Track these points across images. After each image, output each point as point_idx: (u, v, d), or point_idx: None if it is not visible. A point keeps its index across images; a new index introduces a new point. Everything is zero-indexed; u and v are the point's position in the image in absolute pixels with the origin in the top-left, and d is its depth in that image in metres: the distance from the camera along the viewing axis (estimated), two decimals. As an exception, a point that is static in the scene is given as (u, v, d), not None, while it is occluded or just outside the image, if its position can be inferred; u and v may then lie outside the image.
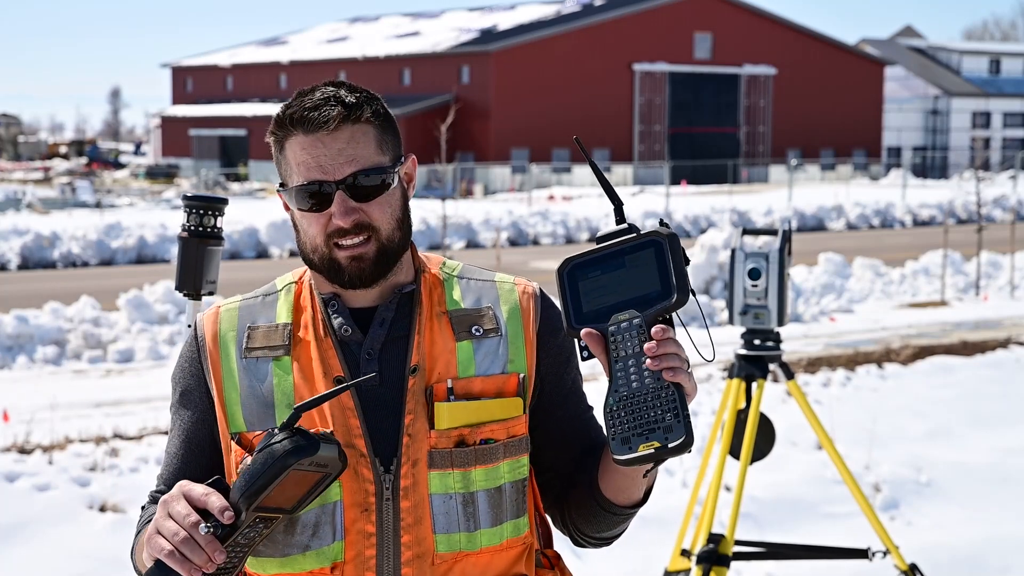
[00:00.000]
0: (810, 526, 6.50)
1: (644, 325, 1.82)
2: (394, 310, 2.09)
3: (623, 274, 1.83)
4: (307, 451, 1.76)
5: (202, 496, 1.81)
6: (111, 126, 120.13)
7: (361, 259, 2.03)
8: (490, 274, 2.19)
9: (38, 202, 38.83)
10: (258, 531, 1.83)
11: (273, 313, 2.12)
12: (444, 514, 2.02)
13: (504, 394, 2.07)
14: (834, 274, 17.84)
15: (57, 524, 5.97)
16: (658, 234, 1.82)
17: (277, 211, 29.58)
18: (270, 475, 1.76)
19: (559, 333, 2.15)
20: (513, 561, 2.09)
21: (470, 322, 2.09)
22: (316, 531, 2.01)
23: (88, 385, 10.88)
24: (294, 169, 2.05)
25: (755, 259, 4.81)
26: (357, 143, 2.03)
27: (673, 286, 1.81)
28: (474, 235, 27.03)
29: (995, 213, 34.26)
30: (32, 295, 16.56)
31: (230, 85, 70.87)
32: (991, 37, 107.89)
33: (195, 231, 3.29)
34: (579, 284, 1.86)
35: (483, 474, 2.04)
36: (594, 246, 1.87)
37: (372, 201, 2.04)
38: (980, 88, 74.33)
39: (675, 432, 1.77)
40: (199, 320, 2.15)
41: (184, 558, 1.79)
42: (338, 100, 2.04)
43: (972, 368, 10.48)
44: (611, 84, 58.77)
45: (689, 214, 31.06)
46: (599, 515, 2.11)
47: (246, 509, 1.78)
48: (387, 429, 2.03)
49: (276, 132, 2.08)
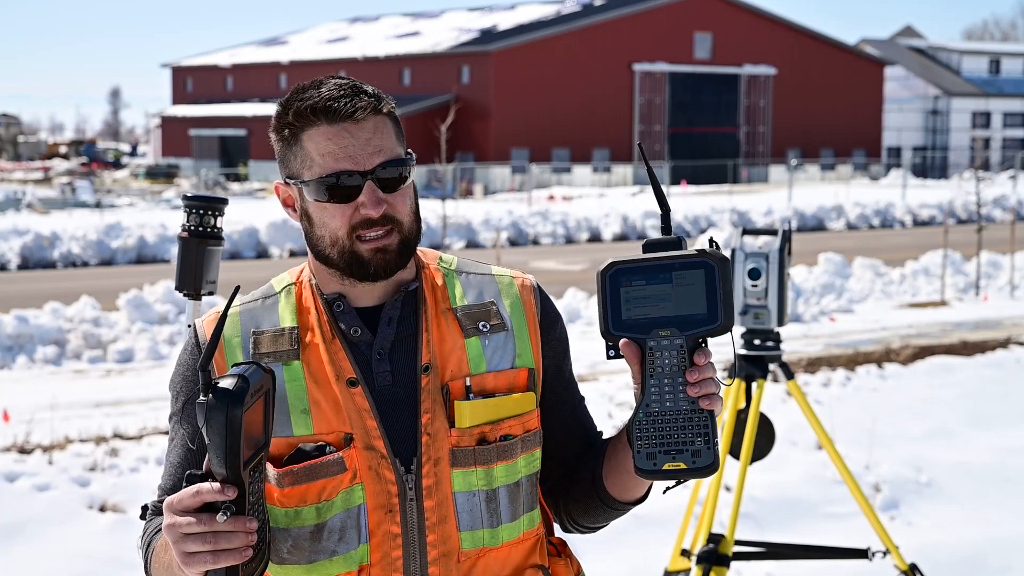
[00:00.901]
0: (810, 526, 6.50)
1: (685, 346, 1.83)
2: (400, 308, 2.08)
3: (669, 289, 1.83)
4: (240, 394, 1.74)
5: (194, 497, 1.76)
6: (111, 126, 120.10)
7: (386, 251, 2.02)
8: (486, 267, 2.19)
9: (38, 202, 38.84)
10: (258, 479, 1.83)
11: (276, 316, 2.09)
12: (468, 512, 2.03)
13: (516, 389, 2.08)
14: (834, 274, 17.84)
15: (57, 524, 5.96)
16: (711, 256, 1.82)
17: (277, 211, 29.58)
18: (232, 434, 1.74)
19: (557, 324, 2.17)
20: (529, 552, 2.10)
21: (476, 318, 2.09)
22: (342, 536, 2.00)
23: (88, 385, 10.87)
24: (315, 160, 2.01)
25: (755, 259, 4.81)
26: (382, 134, 2.02)
27: (720, 313, 1.82)
28: (474, 235, 27.02)
29: (995, 213, 34.25)
30: (32, 295, 16.56)
31: (230, 85, 70.85)
32: (991, 37, 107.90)
33: (195, 231, 3.29)
34: (621, 289, 1.85)
35: (504, 470, 2.05)
36: (640, 253, 1.85)
37: (395, 193, 2.03)
38: (980, 88, 74.31)
39: (703, 457, 1.81)
40: (199, 326, 2.12)
41: (229, 551, 1.76)
42: (360, 90, 2.03)
43: (972, 368, 10.48)
44: (611, 84, 58.76)
45: (689, 214, 31.05)
46: (599, 509, 2.13)
47: (239, 473, 1.77)
48: (404, 429, 2.03)
49: (293, 123, 2.03)
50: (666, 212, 1.90)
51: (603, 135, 58.51)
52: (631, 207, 33.01)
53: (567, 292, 15.79)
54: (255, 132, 61.73)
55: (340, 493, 2.00)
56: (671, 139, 61.37)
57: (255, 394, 1.78)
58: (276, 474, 2.00)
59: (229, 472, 1.76)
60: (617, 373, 9.24)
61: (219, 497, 1.75)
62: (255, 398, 1.78)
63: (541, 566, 2.12)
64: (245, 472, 1.78)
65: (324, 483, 2.00)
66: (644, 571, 5.66)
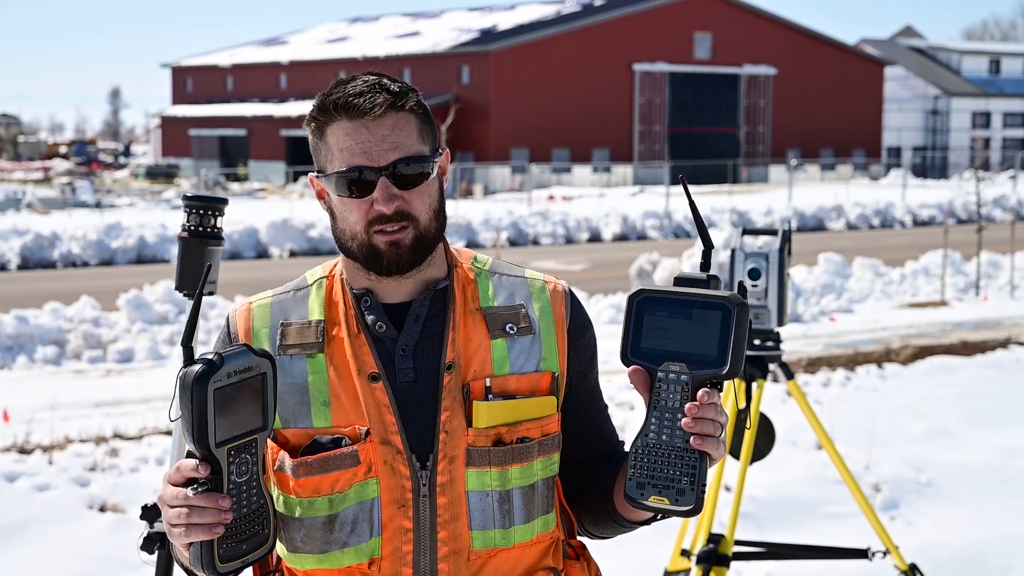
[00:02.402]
0: (810, 526, 6.50)
1: (691, 384, 1.84)
2: (428, 306, 2.10)
3: (687, 326, 1.85)
4: (208, 372, 1.75)
5: (177, 473, 1.83)
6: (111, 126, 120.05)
7: (399, 245, 2.03)
8: (520, 270, 2.20)
9: (38, 202, 38.84)
10: (247, 460, 1.83)
11: (305, 309, 2.12)
12: (480, 511, 2.04)
13: (538, 392, 2.09)
14: (834, 274, 17.84)
15: (57, 524, 5.96)
16: (730, 300, 1.83)
17: (277, 211, 29.58)
18: (198, 409, 1.75)
19: (586, 332, 2.18)
20: (542, 555, 2.11)
21: (504, 320, 2.10)
22: (355, 528, 2.02)
23: (88, 385, 10.87)
24: (336, 155, 2.04)
25: (755, 259, 4.81)
26: (401, 131, 2.04)
27: (728, 359, 1.83)
28: (474, 235, 27.02)
29: (995, 213, 34.25)
30: (32, 295, 16.56)
31: (230, 85, 70.85)
32: (991, 37, 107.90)
33: (195, 231, 3.28)
34: (645, 318, 1.87)
35: (519, 472, 2.06)
36: (672, 286, 1.87)
37: (413, 189, 2.04)
38: (980, 88, 74.31)
39: (686, 497, 1.83)
40: (232, 316, 2.15)
41: (199, 525, 1.80)
42: (383, 87, 2.05)
43: (972, 368, 10.48)
44: (611, 84, 58.76)
45: (689, 214, 31.01)
46: (607, 523, 2.15)
47: (211, 451, 1.78)
48: (422, 425, 2.04)
49: (318, 118, 2.07)
50: (708, 249, 1.91)
51: (603, 135, 58.51)
52: (631, 207, 33.03)
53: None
54: (255, 132, 61.72)
55: (354, 486, 2.02)
56: (671, 139, 61.37)
57: (235, 375, 1.78)
58: (292, 464, 2.03)
59: (198, 447, 1.78)
60: (617, 373, 9.24)
61: (194, 474, 1.80)
62: (235, 379, 1.78)
63: (553, 568, 2.12)
64: (223, 451, 1.79)
65: (337, 475, 2.02)
66: (644, 571, 5.66)
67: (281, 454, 2.04)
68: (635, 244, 27.65)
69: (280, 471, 2.05)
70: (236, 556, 1.84)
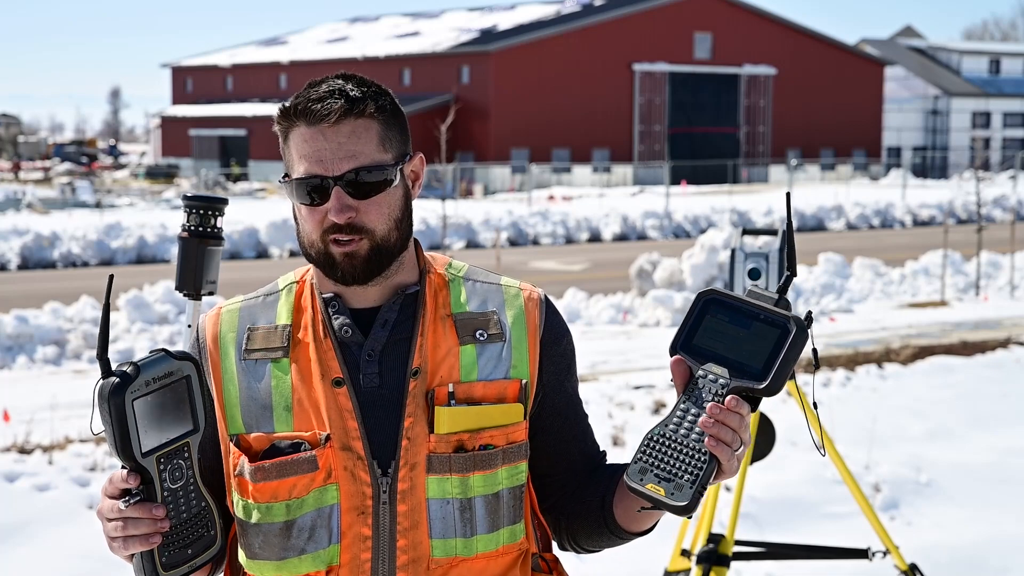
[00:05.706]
0: (810, 526, 6.50)
1: (727, 389, 1.84)
2: (397, 311, 2.07)
3: (744, 335, 1.85)
4: (124, 384, 1.74)
5: (109, 485, 1.83)
6: (111, 126, 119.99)
7: (353, 256, 2.00)
8: (496, 277, 2.17)
9: (38, 202, 38.83)
10: (180, 465, 1.82)
11: (273, 314, 2.09)
12: (441, 519, 2.00)
13: (505, 400, 2.05)
14: (834, 274, 17.85)
15: (57, 524, 5.96)
16: (792, 321, 1.84)
17: (277, 211, 29.58)
18: (118, 422, 1.74)
19: (562, 340, 2.14)
20: (509, 567, 2.07)
21: (475, 326, 2.07)
22: (312, 534, 1.99)
23: (88, 385, 10.86)
24: (295, 161, 2.02)
25: (755, 259, 4.81)
26: (358, 138, 2.00)
27: (770, 375, 1.82)
28: (474, 235, 27.03)
29: (995, 213, 34.26)
30: (32, 295, 16.56)
31: (230, 85, 70.85)
32: (991, 37, 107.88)
33: (195, 231, 3.28)
34: (706, 317, 1.87)
35: (481, 480, 2.02)
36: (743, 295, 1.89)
37: (370, 199, 2.00)
38: (980, 88, 74.31)
39: (682, 494, 1.81)
40: (201, 321, 2.13)
41: (135, 536, 1.80)
42: (342, 93, 2.01)
43: (972, 368, 10.48)
44: (611, 84, 58.76)
45: (689, 214, 31.07)
46: (603, 534, 2.12)
47: (137, 462, 1.77)
48: (386, 432, 2.01)
49: (281, 122, 2.05)
50: (790, 275, 1.91)
51: (603, 135, 58.51)
52: (631, 207, 33.03)
53: (567, 292, 15.80)
54: (255, 132, 61.74)
55: (312, 492, 1.99)
56: (671, 139, 61.38)
57: (155, 383, 1.77)
58: (250, 468, 2.00)
59: (123, 460, 1.77)
60: (617, 373, 9.24)
61: (125, 485, 1.79)
62: (155, 387, 1.77)
63: None
64: (151, 460, 1.78)
65: (295, 480, 1.99)
66: (644, 571, 5.66)
67: (242, 459, 2.01)
68: (635, 244, 27.65)
69: (240, 476, 2.02)
70: (182, 561, 1.84)
